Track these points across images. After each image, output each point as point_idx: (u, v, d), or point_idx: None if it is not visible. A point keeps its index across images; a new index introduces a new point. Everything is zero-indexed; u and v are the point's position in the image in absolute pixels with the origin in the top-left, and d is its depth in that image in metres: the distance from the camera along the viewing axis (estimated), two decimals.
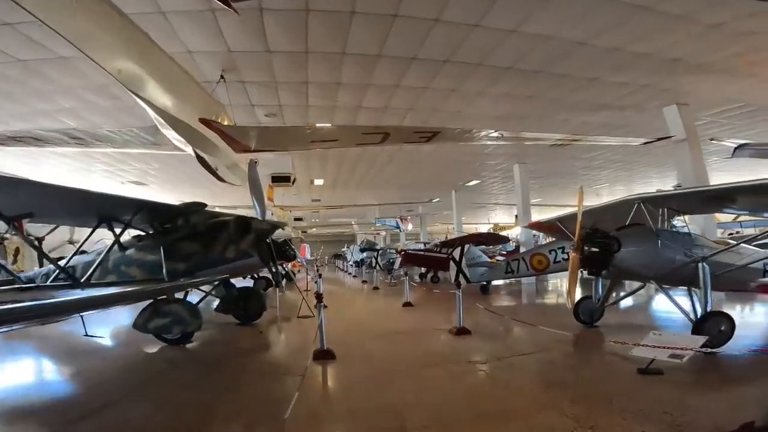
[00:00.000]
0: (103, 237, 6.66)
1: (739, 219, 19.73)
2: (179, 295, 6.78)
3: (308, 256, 43.26)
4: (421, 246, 24.35)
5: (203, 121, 5.56)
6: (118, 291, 5.11)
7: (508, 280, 14.71)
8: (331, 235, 56.60)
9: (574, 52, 7.28)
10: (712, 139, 10.37)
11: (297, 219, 26.37)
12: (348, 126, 9.11)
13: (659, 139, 9.83)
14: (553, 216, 9.15)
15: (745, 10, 5.83)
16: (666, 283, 6.21)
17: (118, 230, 6.17)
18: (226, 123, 6.30)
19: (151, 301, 6.00)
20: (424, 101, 9.75)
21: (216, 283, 8.00)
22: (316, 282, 14.99)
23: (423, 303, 11.43)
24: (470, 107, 9.99)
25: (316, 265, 26.61)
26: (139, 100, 4.60)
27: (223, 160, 6.76)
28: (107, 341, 7.56)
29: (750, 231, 19.57)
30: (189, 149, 5.96)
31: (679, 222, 7.25)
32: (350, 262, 32.42)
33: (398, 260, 18.70)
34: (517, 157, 16.09)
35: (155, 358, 6.25)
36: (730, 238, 10.24)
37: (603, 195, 27.23)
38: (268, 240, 7.50)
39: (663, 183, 21.99)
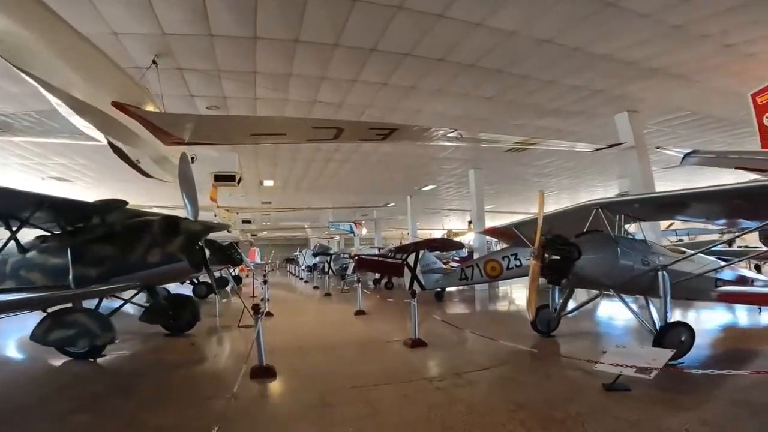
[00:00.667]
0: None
1: (673, 227, 20.74)
2: (92, 304, 5.80)
3: (258, 260, 41.64)
4: (376, 251, 23.88)
5: (117, 105, 4.70)
6: (11, 298, 4.18)
7: (461, 287, 14.47)
8: (283, 238, 54.90)
9: (537, 50, 7.06)
10: (658, 148, 10.63)
11: (245, 222, 25.02)
12: (296, 118, 8.41)
13: (611, 146, 9.91)
14: (509, 222, 8.93)
15: (704, 12, 5.82)
16: (624, 291, 6.05)
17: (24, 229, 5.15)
18: (151, 109, 5.44)
19: (53, 310, 5.03)
20: (383, 98, 9.26)
21: (137, 290, 7.04)
22: (262, 288, 14.06)
23: (377, 311, 10.88)
24: (429, 106, 9.62)
25: (264, 270, 25.35)
26: (29, 79, 3.73)
27: (148, 152, 5.87)
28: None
29: (684, 239, 20.78)
30: (102, 138, 5.07)
31: (632, 229, 7.22)
32: (302, 267, 31.33)
33: (352, 265, 18.07)
34: (473, 162, 16.01)
35: (52, 375, 5.28)
36: (675, 246, 10.53)
37: (549, 203, 28.12)
38: (200, 243, 6.65)
39: (606, 191, 22.88)
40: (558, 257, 5.52)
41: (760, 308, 8.30)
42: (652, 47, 6.98)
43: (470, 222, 34.96)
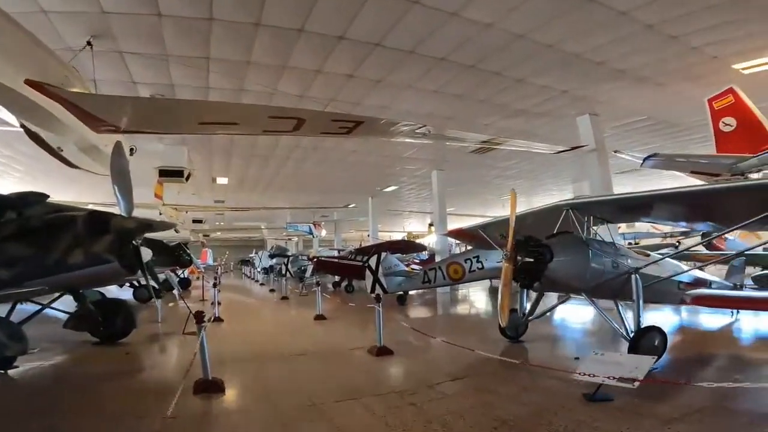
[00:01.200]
0: None
1: (620, 230, 21.52)
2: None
3: (210, 262, 39.72)
4: (335, 253, 23.26)
5: (32, 84, 3.94)
6: None
7: (421, 290, 14.18)
8: (238, 240, 52.83)
9: (511, 45, 6.86)
10: (616, 152, 10.87)
11: (196, 221, 23.61)
12: (251, 105, 7.70)
13: (573, 148, 9.98)
14: (474, 224, 8.71)
15: (677, 12, 5.81)
16: (595, 295, 5.92)
17: None
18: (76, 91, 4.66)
19: None
20: (348, 91, 8.79)
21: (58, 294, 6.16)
22: (213, 291, 13.13)
23: (337, 315, 10.34)
24: (397, 102, 9.26)
25: (216, 272, 24.01)
26: None
27: (73, 139, 5.06)
28: None
29: (631, 242, 21.71)
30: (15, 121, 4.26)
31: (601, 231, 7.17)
32: (258, 269, 30.09)
33: (311, 268, 17.38)
34: (436, 163, 15.84)
35: None
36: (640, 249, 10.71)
37: (507, 206, 28.68)
38: (135, 242, 5.87)
39: (562, 194, 23.50)
40: (530, 259, 5.26)
41: (732, 311, 8.50)
42: (623, 46, 6.97)
43: (431, 224, 35.14)
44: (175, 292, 7.89)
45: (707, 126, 8.55)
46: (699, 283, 7.22)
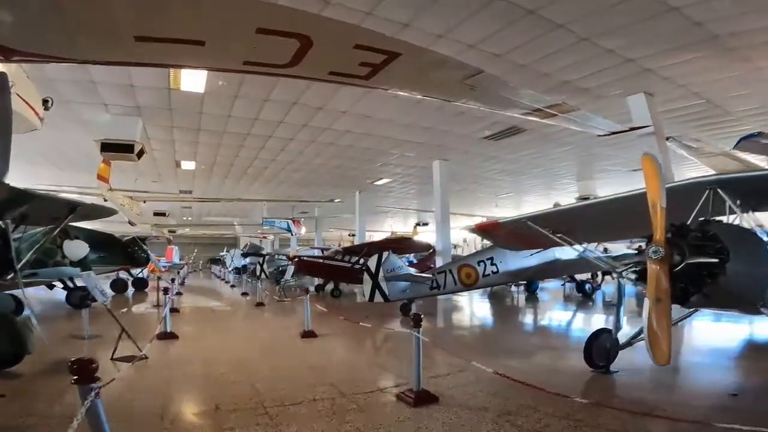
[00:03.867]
0: None
1: None
2: None
3: (177, 260, 36.59)
4: (316, 252, 20.95)
5: None
6: None
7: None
8: (208, 237, 49.52)
9: None
10: (669, 138, 9.16)
11: (159, 214, 20.89)
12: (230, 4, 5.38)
13: (633, 129, 8.23)
14: (518, 215, 6.70)
15: None
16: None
17: None
18: None
19: None
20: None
21: None
22: (172, 297, 10.66)
23: (331, 331, 8.13)
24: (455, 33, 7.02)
25: (178, 272, 21.29)
26: None
27: None
28: None
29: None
30: None
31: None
32: (229, 269, 27.41)
33: (291, 269, 15.07)
34: (440, 150, 13.82)
35: None
36: None
37: (504, 206, 27.06)
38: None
39: (567, 197, 22.00)
40: (702, 259, 3.21)
41: None
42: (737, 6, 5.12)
43: (418, 224, 33.28)
44: (100, 299, 5.50)
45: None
46: None
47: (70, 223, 9.84)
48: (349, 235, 37.56)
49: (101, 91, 8.84)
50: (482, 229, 7.65)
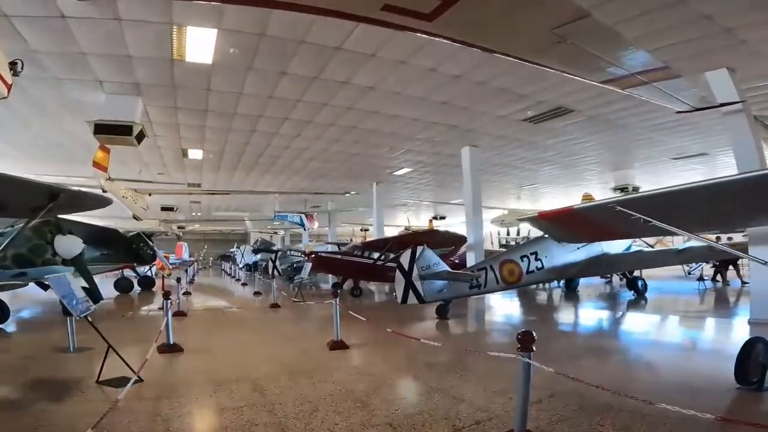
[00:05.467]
0: None
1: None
2: None
3: (186, 257, 35.82)
4: (327, 248, 19.80)
5: None
6: None
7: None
8: (218, 233, 48.75)
9: None
10: (758, 118, 7.80)
11: (166, 209, 19.83)
12: None
13: (723, 105, 6.90)
14: (605, 198, 5.39)
15: None
16: None
17: None
18: None
19: None
20: None
21: None
22: (177, 299, 9.55)
23: (364, 340, 6.92)
24: None
25: (187, 270, 20.26)
26: None
27: None
28: None
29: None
30: None
31: None
32: (240, 266, 26.41)
33: (307, 266, 13.89)
34: (470, 136, 12.52)
35: None
36: None
37: (525, 199, 25.65)
38: None
39: (602, 191, 20.53)
40: None
41: None
42: None
43: (434, 217, 31.99)
44: (76, 310, 4.29)
45: None
46: None
47: (64, 216, 8.80)
48: (361, 230, 36.35)
49: (93, 64, 7.68)
50: (549, 218, 6.32)
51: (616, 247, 11.61)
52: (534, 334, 2.88)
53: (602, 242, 11.28)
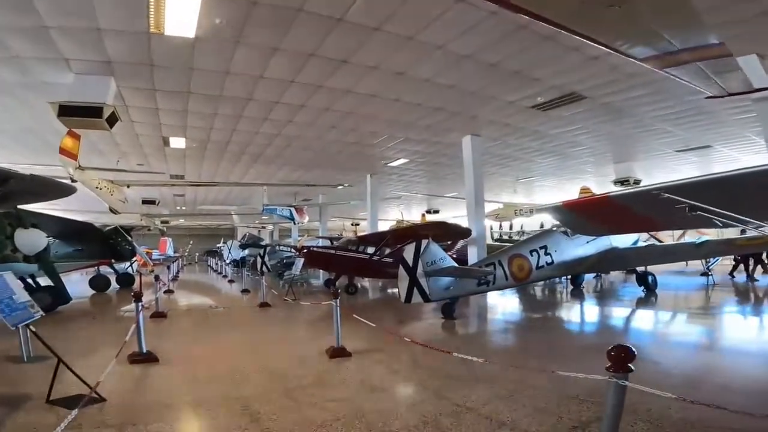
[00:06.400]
0: None
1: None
2: None
3: (170, 252, 34.69)
4: (323, 243, 18.99)
5: None
6: None
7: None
8: (204, 227, 47.42)
9: None
10: None
11: (148, 202, 18.79)
12: None
13: (758, 90, 6.33)
14: (646, 186, 4.74)
15: None
16: None
17: None
18: None
19: None
20: None
21: None
22: (156, 298, 8.69)
23: (367, 345, 6.20)
24: None
25: (169, 268, 19.26)
26: None
27: None
28: None
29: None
30: None
31: None
32: (227, 262, 25.45)
33: (299, 262, 13.08)
34: (473, 124, 11.82)
35: None
36: None
37: (519, 193, 25.11)
38: None
39: (601, 184, 20.05)
40: None
41: None
42: None
43: (427, 211, 31.37)
44: (11, 319, 3.47)
45: None
46: None
47: (25, 208, 7.88)
48: (352, 224, 35.56)
49: (58, 41, 6.76)
50: (577, 207, 5.65)
51: (624, 241, 11.09)
52: (633, 350, 2.19)
53: (611, 236, 10.74)
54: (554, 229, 10.16)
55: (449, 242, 14.51)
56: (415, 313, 9.13)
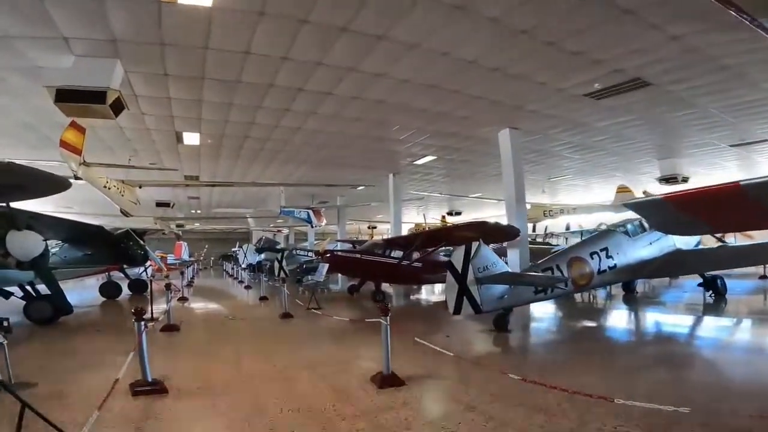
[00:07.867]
0: None
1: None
2: None
3: (186, 257, 34.09)
4: (343, 246, 18.00)
5: None
6: None
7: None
8: (219, 231, 46.93)
9: None
10: None
11: (162, 204, 18.02)
12: None
13: None
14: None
15: None
16: None
17: None
18: None
19: None
20: None
21: None
22: (168, 308, 7.70)
23: (418, 369, 5.11)
24: None
25: (183, 273, 18.42)
26: None
27: None
28: None
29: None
30: None
31: None
32: (243, 266, 24.61)
33: (322, 267, 12.08)
34: (513, 115, 10.68)
35: None
36: None
37: (546, 192, 23.80)
38: None
39: (643, 183, 18.72)
40: None
41: None
42: None
43: (449, 213, 30.22)
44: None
45: None
46: None
47: (25, 208, 6.99)
48: (369, 227, 34.53)
49: (55, 15, 5.85)
50: (688, 200, 4.48)
51: (687, 242, 9.86)
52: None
53: (675, 236, 9.54)
54: (616, 230, 8.97)
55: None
56: (457, 325, 8.02)
